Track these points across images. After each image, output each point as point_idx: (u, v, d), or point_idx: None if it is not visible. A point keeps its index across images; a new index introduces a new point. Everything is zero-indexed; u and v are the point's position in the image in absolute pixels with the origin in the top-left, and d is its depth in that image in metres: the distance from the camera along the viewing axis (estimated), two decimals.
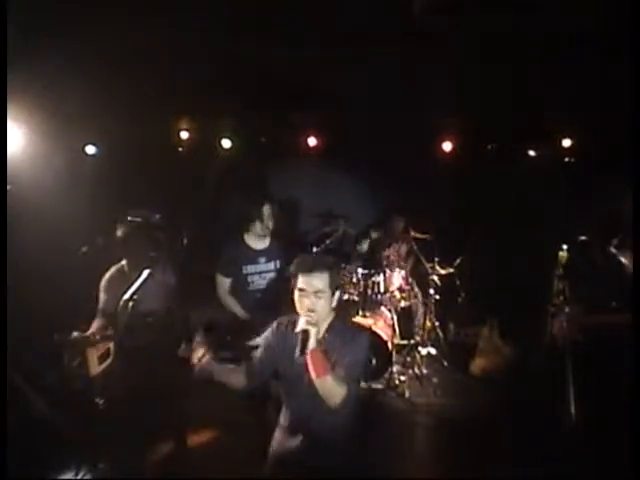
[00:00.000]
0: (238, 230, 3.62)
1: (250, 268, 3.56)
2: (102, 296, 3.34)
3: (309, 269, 2.24)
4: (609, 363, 2.87)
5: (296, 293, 2.27)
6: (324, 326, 2.29)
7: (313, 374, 2.14)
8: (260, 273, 3.58)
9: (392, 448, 3.69)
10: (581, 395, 2.80)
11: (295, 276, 2.28)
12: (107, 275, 3.39)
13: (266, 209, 3.56)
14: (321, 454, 2.24)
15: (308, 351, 2.16)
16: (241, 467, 3.20)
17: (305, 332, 2.18)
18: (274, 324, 2.44)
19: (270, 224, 3.59)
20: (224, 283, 3.56)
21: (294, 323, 2.29)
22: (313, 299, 2.22)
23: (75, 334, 2.92)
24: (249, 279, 3.56)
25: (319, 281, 2.22)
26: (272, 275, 3.61)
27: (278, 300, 3.39)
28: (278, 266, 3.63)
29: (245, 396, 2.80)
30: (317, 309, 2.22)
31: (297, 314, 2.28)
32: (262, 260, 3.59)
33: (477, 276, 5.60)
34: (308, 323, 2.18)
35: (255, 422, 3.21)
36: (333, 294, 2.29)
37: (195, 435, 3.67)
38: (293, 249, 3.79)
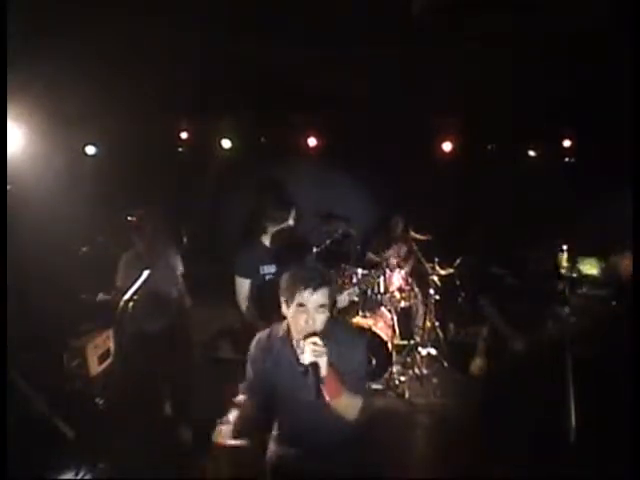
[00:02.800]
0: (258, 230, 3.52)
1: (267, 269, 3.46)
2: (119, 274, 3.66)
3: (315, 284, 2.05)
4: (609, 363, 2.87)
5: (293, 308, 2.09)
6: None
7: (328, 397, 2.04)
8: (278, 274, 3.53)
9: (392, 448, 3.68)
10: (581, 396, 2.80)
11: (292, 290, 2.08)
12: (124, 256, 3.70)
13: (293, 211, 3.53)
14: (320, 455, 2.22)
15: (323, 379, 2.00)
16: (241, 469, 3.20)
17: (314, 364, 1.99)
18: (253, 342, 2.31)
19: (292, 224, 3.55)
20: (244, 285, 3.44)
21: (282, 334, 2.22)
22: (313, 314, 2.07)
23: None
24: (267, 279, 3.46)
25: (322, 296, 2.06)
26: None
27: None
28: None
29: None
30: (317, 325, 2.07)
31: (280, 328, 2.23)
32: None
33: (477, 276, 5.59)
34: (315, 354, 1.97)
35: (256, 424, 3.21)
36: (331, 307, 2.17)
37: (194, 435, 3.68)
38: (300, 250, 3.76)
